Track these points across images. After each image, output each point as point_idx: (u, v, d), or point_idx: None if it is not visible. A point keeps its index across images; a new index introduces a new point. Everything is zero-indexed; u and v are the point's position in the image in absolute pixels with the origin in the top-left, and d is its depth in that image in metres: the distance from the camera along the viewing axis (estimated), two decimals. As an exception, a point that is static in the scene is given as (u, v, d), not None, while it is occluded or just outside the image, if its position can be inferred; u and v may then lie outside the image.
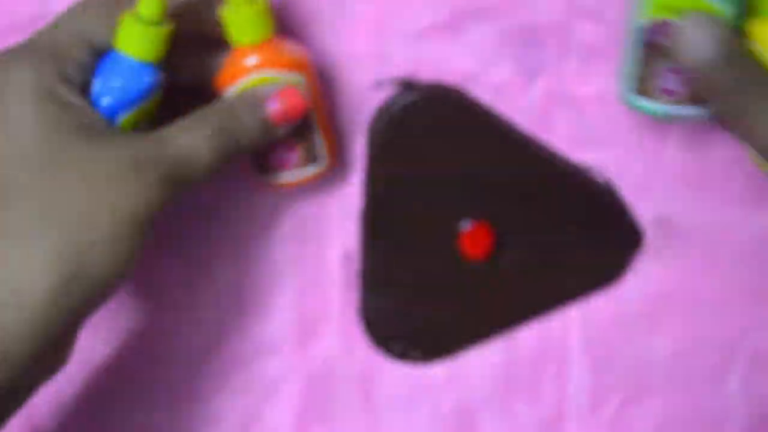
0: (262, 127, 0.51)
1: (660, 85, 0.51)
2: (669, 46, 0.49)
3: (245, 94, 0.51)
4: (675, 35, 0.47)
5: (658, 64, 0.50)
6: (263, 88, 0.51)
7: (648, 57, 0.50)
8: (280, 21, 0.54)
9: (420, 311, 0.58)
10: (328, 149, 0.54)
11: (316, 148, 0.54)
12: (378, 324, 0.58)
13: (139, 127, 0.51)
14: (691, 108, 0.51)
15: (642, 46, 0.50)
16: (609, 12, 0.55)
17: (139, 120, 0.51)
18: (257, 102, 0.51)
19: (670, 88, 0.50)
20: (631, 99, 0.52)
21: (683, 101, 0.51)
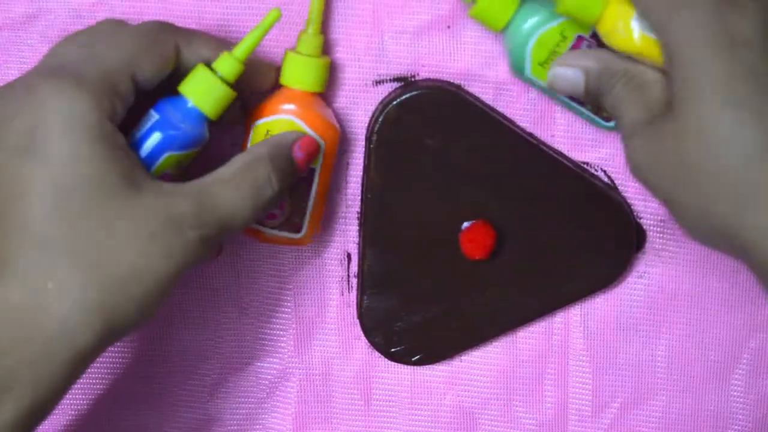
0: (293, 175, 0.51)
1: None
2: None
3: (274, 142, 0.50)
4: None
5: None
6: (289, 134, 0.51)
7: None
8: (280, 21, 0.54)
9: (420, 311, 0.58)
10: (311, 221, 0.55)
11: (302, 215, 0.54)
12: (378, 324, 0.58)
13: (171, 171, 0.50)
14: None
15: None
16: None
17: (174, 165, 0.49)
18: (289, 151, 0.50)
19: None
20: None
21: None
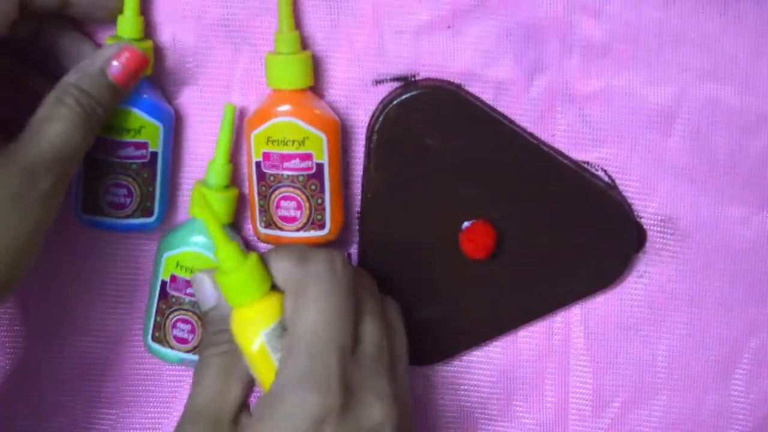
0: (113, 93, 0.51)
1: (174, 334, 0.55)
2: (181, 298, 0.54)
3: (82, 66, 0.51)
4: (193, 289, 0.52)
5: (172, 314, 0.55)
6: (101, 52, 0.51)
7: (163, 308, 0.55)
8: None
9: (420, 311, 0.58)
10: (333, 216, 0.54)
11: (322, 212, 0.54)
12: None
13: None
14: None
15: (158, 299, 0.55)
16: (610, 7, 0.55)
17: None
18: (99, 70, 0.51)
19: (182, 336, 0.55)
20: (150, 345, 0.56)
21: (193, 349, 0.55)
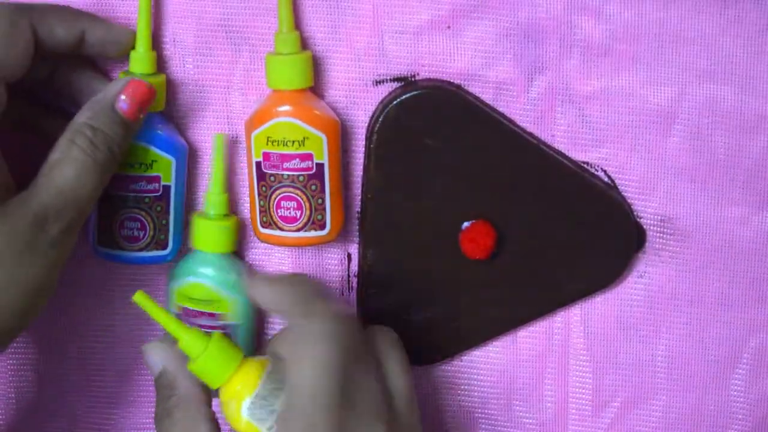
0: (125, 127, 0.51)
1: None
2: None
3: (92, 104, 0.50)
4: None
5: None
6: (110, 88, 0.51)
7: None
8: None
9: (420, 311, 0.58)
10: (333, 216, 0.54)
11: (323, 212, 0.54)
12: (378, 324, 0.58)
13: None
14: None
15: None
16: (610, 7, 0.55)
17: None
18: (110, 107, 0.50)
19: None
20: None
21: None
